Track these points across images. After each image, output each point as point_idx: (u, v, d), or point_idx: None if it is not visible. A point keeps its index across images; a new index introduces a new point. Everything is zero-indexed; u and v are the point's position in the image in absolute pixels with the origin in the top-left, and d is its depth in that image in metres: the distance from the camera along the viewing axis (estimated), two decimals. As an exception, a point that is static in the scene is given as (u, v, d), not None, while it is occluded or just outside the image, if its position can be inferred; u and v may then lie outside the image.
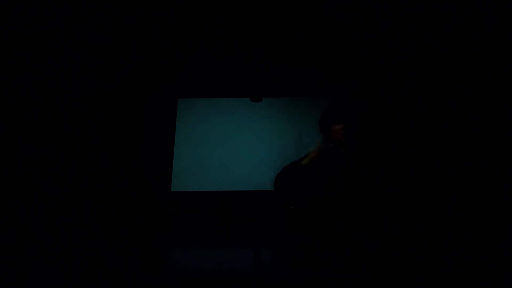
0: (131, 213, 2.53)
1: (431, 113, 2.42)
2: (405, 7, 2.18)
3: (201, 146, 2.93)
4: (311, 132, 2.93)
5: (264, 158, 2.88)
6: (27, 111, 2.14)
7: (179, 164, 2.89)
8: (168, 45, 2.63)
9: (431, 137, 2.40)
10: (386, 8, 2.19)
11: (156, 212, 2.66)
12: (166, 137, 2.95)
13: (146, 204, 2.66)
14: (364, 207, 2.61)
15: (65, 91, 2.39)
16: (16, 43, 2.08)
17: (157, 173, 2.84)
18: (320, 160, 2.87)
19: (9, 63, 2.05)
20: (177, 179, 2.85)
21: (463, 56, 2.23)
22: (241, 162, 2.88)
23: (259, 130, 2.95)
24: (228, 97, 3.03)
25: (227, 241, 2.29)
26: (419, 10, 2.19)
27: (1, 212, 1.85)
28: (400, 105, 2.65)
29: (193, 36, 2.52)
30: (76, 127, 2.44)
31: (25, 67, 2.12)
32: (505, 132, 2.00)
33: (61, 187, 2.24)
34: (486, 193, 2.01)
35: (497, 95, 2.05)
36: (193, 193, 2.80)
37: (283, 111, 2.99)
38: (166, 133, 2.95)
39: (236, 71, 2.96)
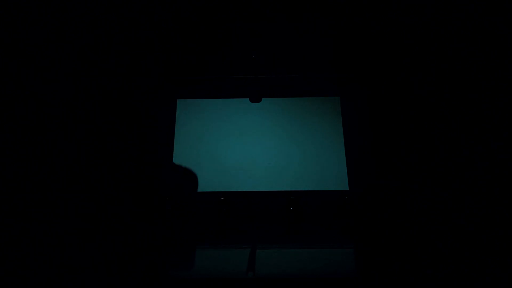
0: (131, 213, 2.53)
1: (432, 113, 2.42)
2: (406, 6, 2.18)
3: (200, 147, 2.93)
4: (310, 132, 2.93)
5: (263, 158, 2.88)
6: (26, 111, 2.13)
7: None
8: (166, 46, 2.63)
9: (433, 137, 2.40)
10: (386, 7, 2.20)
11: (155, 212, 2.65)
12: (165, 138, 2.95)
13: (145, 205, 2.66)
14: (364, 207, 2.60)
15: (65, 91, 2.39)
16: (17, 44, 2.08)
17: (156, 173, 2.84)
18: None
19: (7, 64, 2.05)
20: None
21: (465, 55, 2.23)
22: (241, 163, 2.88)
23: (259, 130, 2.95)
24: (227, 97, 3.03)
25: (226, 241, 2.28)
26: (421, 9, 2.19)
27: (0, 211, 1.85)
28: (400, 105, 2.66)
29: (192, 36, 2.52)
30: (76, 127, 2.43)
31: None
32: (508, 132, 2.00)
33: (61, 187, 2.24)
34: (488, 193, 2.01)
35: (500, 95, 2.05)
36: (193, 193, 2.80)
37: (282, 111, 3.00)
38: (165, 134, 2.95)
39: (235, 72, 2.96)
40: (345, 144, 2.88)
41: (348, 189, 2.74)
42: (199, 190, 2.81)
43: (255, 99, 2.93)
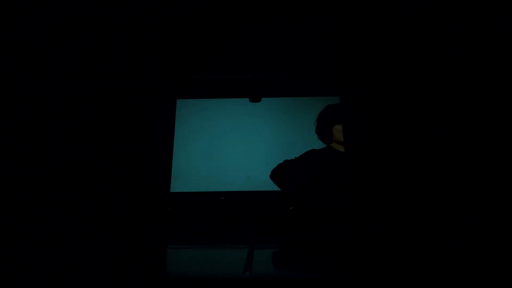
0: (130, 213, 2.53)
1: (432, 113, 2.42)
2: (406, 6, 2.18)
3: (200, 147, 2.93)
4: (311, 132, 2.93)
5: (263, 158, 2.88)
6: (26, 111, 2.14)
7: (178, 165, 2.89)
8: (166, 46, 2.63)
9: (432, 137, 2.40)
10: (386, 7, 2.19)
11: (155, 212, 2.66)
12: (165, 138, 2.94)
13: (145, 205, 2.66)
14: (363, 207, 2.60)
15: (65, 91, 2.39)
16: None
17: (156, 173, 2.84)
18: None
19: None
20: (176, 180, 2.85)
21: (465, 55, 2.23)
22: (240, 163, 2.87)
23: (258, 130, 2.95)
24: (227, 97, 3.03)
25: (226, 241, 2.28)
26: (420, 9, 2.19)
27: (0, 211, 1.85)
28: (400, 105, 2.66)
29: (192, 36, 2.52)
30: (76, 127, 2.44)
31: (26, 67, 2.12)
32: (508, 133, 2.00)
33: (61, 187, 2.24)
34: (487, 193, 2.01)
35: (500, 95, 2.05)
36: (192, 194, 2.80)
37: (282, 111, 2.99)
38: (165, 134, 2.95)
39: (235, 72, 2.96)
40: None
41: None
42: (199, 190, 2.81)
43: (255, 99, 2.92)
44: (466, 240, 1.82)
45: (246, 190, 2.78)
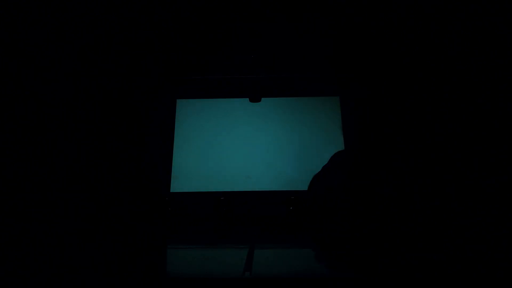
0: (130, 213, 2.53)
1: (432, 113, 2.42)
2: (406, 6, 2.18)
3: (200, 147, 2.93)
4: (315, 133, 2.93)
5: (263, 158, 2.88)
6: (26, 111, 2.14)
7: (178, 165, 2.89)
8: (166, 46, 2.63)
9: (433, 137, 2.40)
10: (386, 7, 2.19)
11: (155, 212, 2.66)
12: (165, 138, 2.94)
13: (145, 205, 2.66)
14: (363, 207, 2.60)
15: (65, 91, 2.39)
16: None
17: (156, 173, 2.84)
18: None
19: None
20: (176, 180, 2.85)
21: (465, 55, 2.23)
22: (240, 163, 2.88)
23: (258, 130, 2.95)
24: (227, 97, 3.03)
25: (226, 241, 2.28)
26: (420, 9, 2.19)
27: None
28: (400, 105, 2.65)
29: (192, 36, 2.52)
30: (76, 127, 2.44)
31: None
32: (508, 133, 2.00)
33: (61, 187, 2.24)
34: (487, 193, 2.01)
35: (500, 96, 2.05)
36: (192, 194, 2.80)
37: (282, 111, 2.99)
38: (165, 134, 2.95)
39: (235, 72, 2.96)
40: (345, 144, 2.88)
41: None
42: (199, 190, 2.81)
43: (255, 99, 2.92)
44: (466, 240, 1.82)
45: (246, 190, 2.78)
